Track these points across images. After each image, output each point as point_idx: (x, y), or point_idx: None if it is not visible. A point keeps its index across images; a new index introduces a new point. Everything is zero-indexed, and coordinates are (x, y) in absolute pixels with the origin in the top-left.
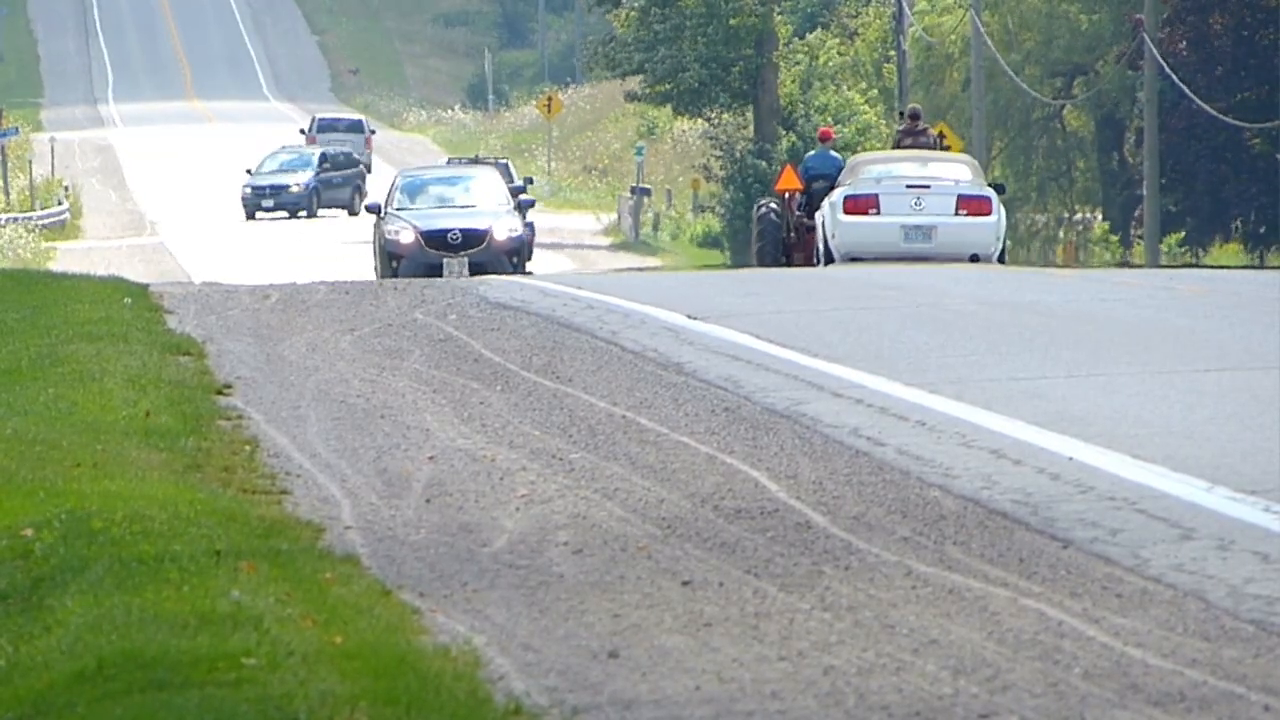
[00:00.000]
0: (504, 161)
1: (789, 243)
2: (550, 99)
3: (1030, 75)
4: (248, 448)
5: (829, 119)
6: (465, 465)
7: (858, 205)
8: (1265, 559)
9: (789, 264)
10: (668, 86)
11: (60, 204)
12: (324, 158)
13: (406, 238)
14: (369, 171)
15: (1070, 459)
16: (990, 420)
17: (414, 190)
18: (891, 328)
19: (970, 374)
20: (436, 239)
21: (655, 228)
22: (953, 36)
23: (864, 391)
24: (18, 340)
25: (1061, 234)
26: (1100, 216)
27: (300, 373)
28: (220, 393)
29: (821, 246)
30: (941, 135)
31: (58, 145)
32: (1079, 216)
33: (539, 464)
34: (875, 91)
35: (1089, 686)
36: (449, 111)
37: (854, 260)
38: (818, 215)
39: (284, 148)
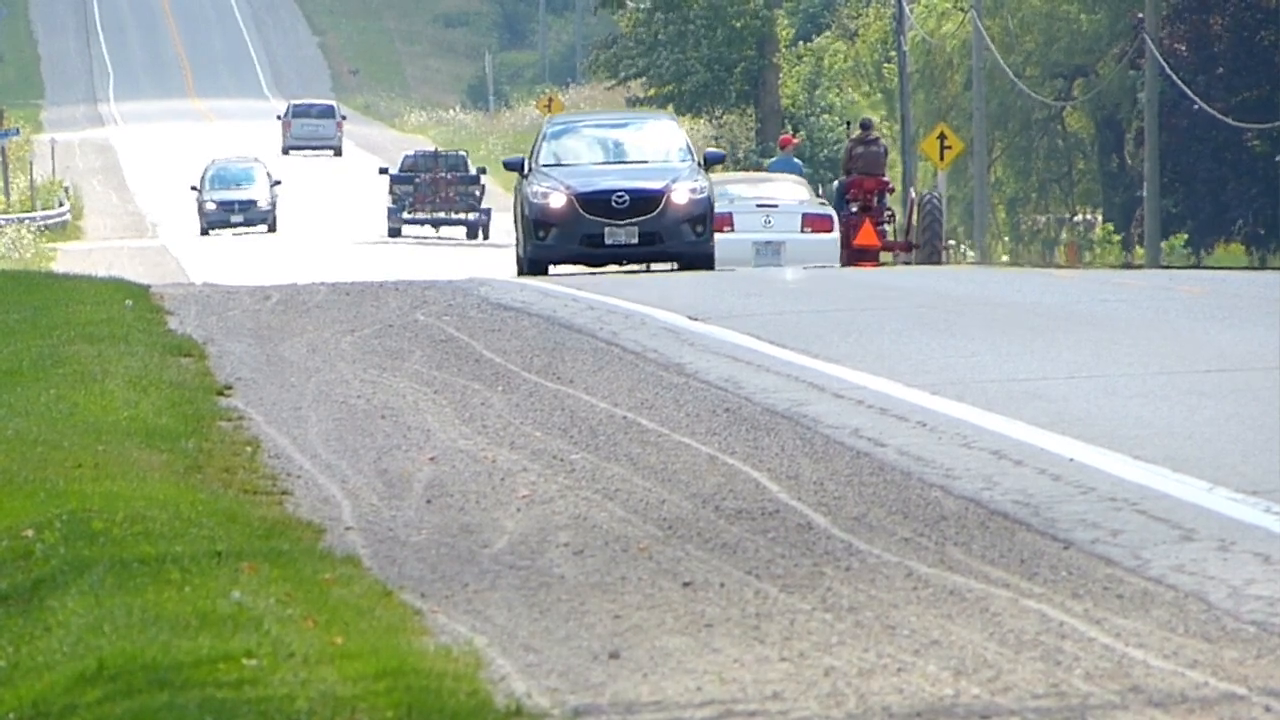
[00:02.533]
0: (462, 153)
1: None
2: (551, 99)
3: (1030, 77)
4: (248, 448)
5: (836, 119)
6: (466, 466)
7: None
8: (1266, 560)
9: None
10: (670, 88)
11: (61, 205)
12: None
13: (557, 201)
14: (339, 154)
15: (1071, 460)
16: (991, 421)
17: (567, 141)
18: (892, 329)
19: (971, 375)
20: (597, 203)
21: None
22: (953, 39)
23: (865, 392)
24: (19, 341)
25: (1063, 235)
26: (1101, 218)
27: (301, 374)
28: (221, 394)
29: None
30: (943, 136)
31: (58, 146)
32: (1080, 218)
33: (540, 465)
34: (878, 95)
35: (1090, 687)
36: (449, 112)
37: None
38: None
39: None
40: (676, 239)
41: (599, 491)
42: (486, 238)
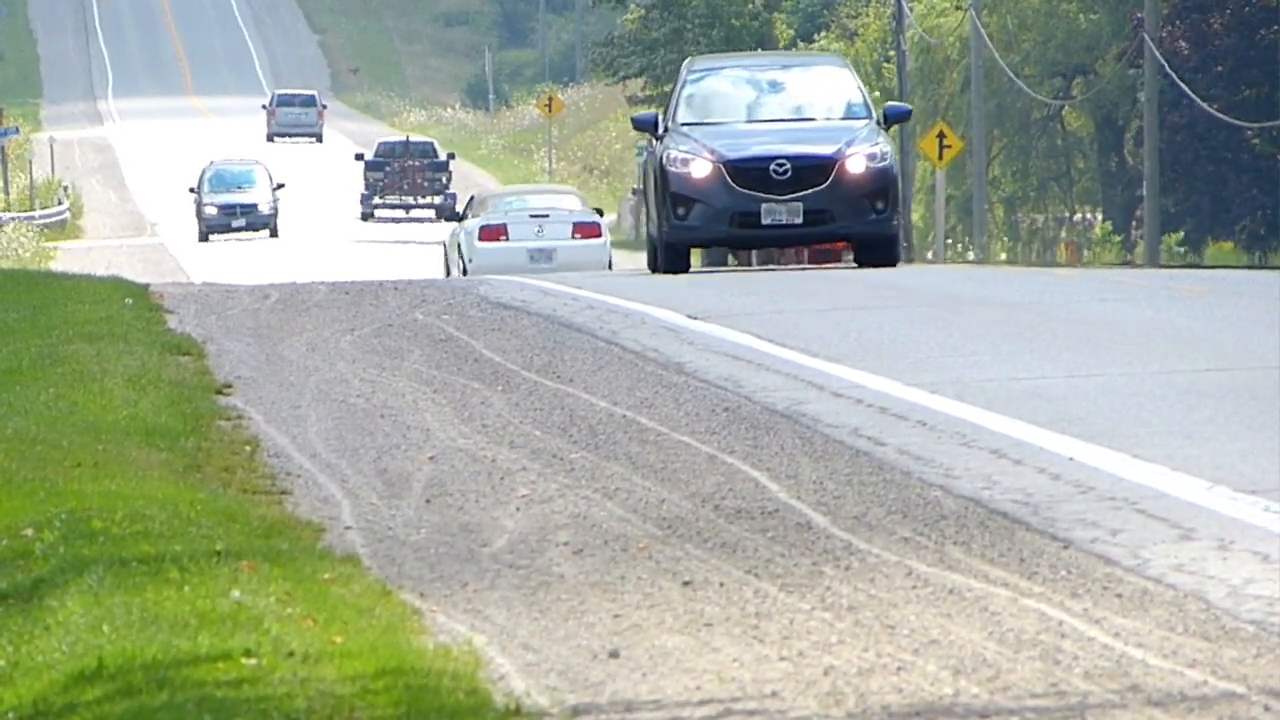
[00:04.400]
0: (430, 141)
1: None
2: (551, 98)
3: (1029, 75)
4: (248, 448)
5: None
6: (465, 465)
7: (491, 233)
8: (1266, 559)
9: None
10: (669, 88)
11: (60, 204)
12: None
13: (700, 170)
14: (320, 141)
15: (1070, 459)
16: (990, 420)
17: (712, 92)
18: (892, 328)
19: (970, 374)
20: (751, 171)
21: None
22: (952, 38)
23: (864, 391)
24: (18, 340)
25: (1062, 234)
26: (1100, 217)
27: (300, 372)
28: (220, 392)
29: (457, 270)
30: (941, 135)
31: (57, 145)
32: (1079, 217)
33: (539, 464)
34: (877, 93)
35: (1089, 686)
36: (449, 111)
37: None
38: (451, 238)
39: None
40: (851, 217)
41: (598, 490)
42: (453, 218)
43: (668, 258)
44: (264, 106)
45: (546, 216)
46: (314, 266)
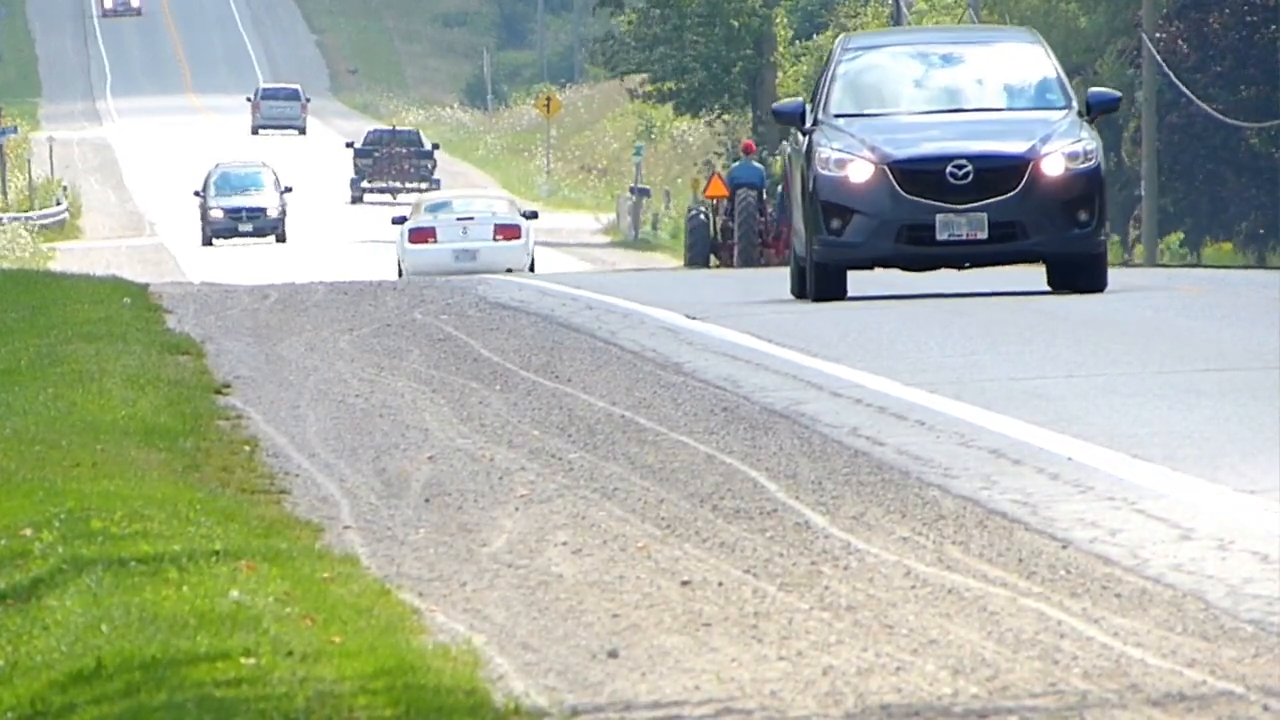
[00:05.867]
0: (415, 130)
1: (716, 244)
2: (549, 98)
3: None
4: (246, 447)
5: None
6: (464, 465)
7: (420, 236)
8: (1265, 559)
9: (717, 261)
10: (670, 85)
11: (59, 204)
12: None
13: (860, 173)
14: (303, 133)
15: (1069, 459)
16: (989, 420)
17: (872, 75)
18: (890, 327)
19: (969, 374)
20: (923, 175)
21: (654, 227)
22: None
23: (863, 391)
24: (17, 340)
25: None
26: None
27: (299, 372)
28: (219, 392)
29: (396, 266)
30: None
31: (56, 145)
32: None
33: (538, 464)
34: None
35: (1088, 686)
36: (448, 111)
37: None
38: (399, 241)
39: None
40: (1048, 231)
41: (597, 490)
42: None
43: (819, 281)
44: (248, 99)
45: (471, 219)
46: (319, 269)
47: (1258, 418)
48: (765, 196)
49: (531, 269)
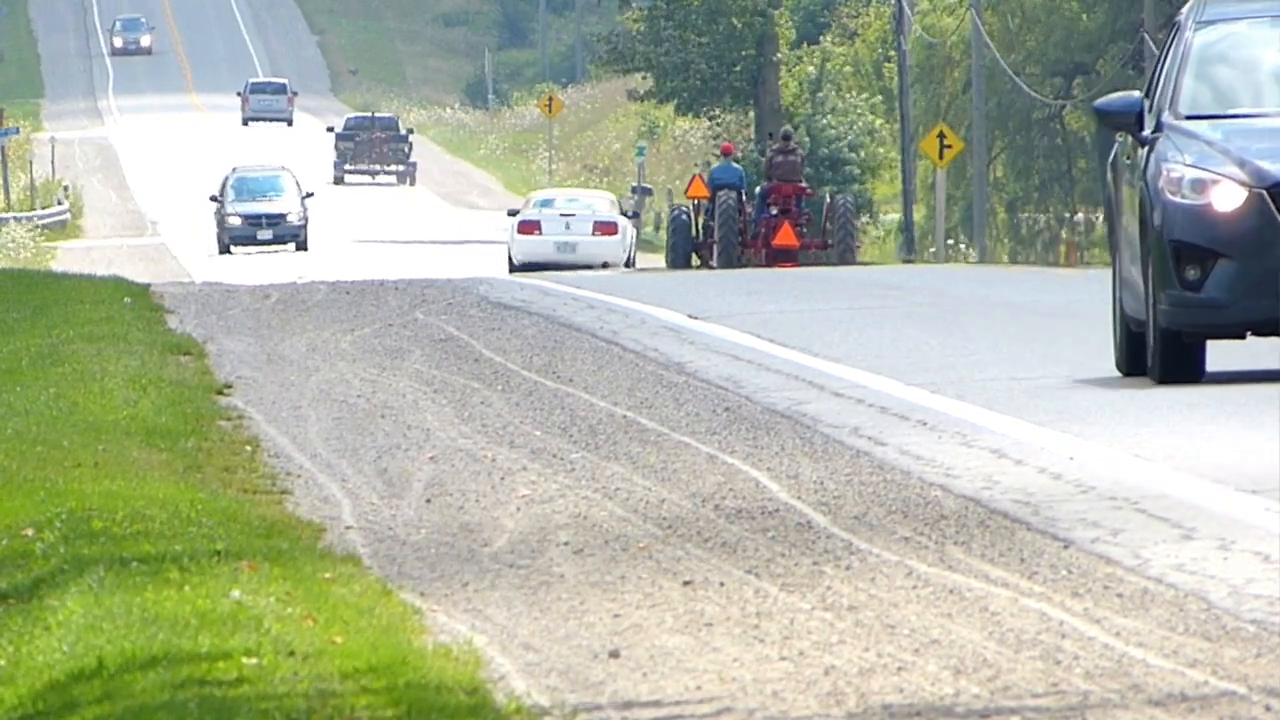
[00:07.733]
0: (394, 117)
1: (697, 242)
2: (551, 98)
3: (1030, 75)
4: (248, 447)
5: (840, 119)
6: (466, 465)
7: (528, 228)
8: (1266, 559)
9: (698, 260)
10: (674, 84)
11: (61, 204)
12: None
13: (1227, 199)
14: (290, 125)
15: (1071, 458)
16: (991, 420)
17: (1237, 64)
18: (892, 327)
19: (971, 373)
20: None
21: (656, 227)
22: (954, 37)
23: (865, 391)
24: (18, 340)
25: (1063, 234)
26: (1101, 217)
27: (301, 372)
28: (221, 392)
29: (506, 254)
30: (942, 135)
31: (58, 145)
32: (1080, 217)
33: (540, 464)
34: (879, 97)
35: (1090, 686)
36: (449, 111)
37: (526, 266)
38: (509, 232)
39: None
40: None
41: (599, 490)
42: (413, 184)
43: (1167, 353)
44: (238, 93)
45: (573, 215)
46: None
47: (1258, 417)
48: (744, 197)
49: (629, 264)
